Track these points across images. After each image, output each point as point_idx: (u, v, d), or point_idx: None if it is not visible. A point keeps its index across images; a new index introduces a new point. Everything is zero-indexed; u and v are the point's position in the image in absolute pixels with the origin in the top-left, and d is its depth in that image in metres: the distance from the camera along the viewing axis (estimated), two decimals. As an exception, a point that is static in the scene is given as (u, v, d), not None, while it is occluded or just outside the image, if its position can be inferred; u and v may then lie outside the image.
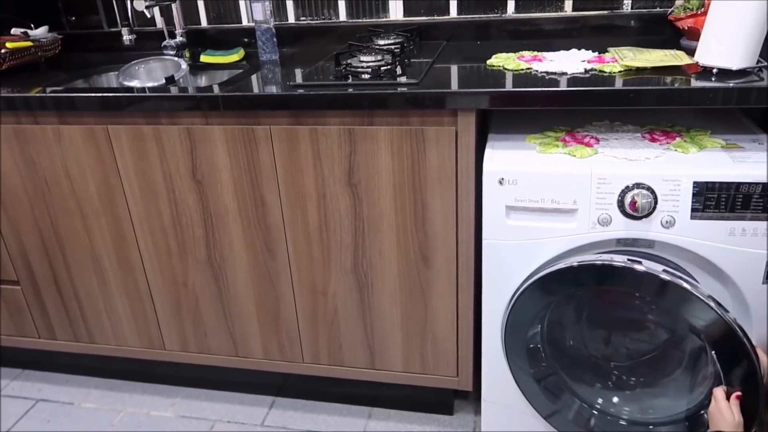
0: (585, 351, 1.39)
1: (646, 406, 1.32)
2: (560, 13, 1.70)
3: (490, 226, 1.24)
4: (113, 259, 1.65)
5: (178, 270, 1.62)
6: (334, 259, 1.49)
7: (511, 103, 1.23)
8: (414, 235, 1.41)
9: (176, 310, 1.69)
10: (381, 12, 1.80)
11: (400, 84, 1.32)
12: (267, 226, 1.50)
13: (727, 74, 1.20)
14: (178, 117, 1.43)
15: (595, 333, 1.39)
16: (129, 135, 1.47)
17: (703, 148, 1.22)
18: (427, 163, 1.33)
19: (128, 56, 1.87)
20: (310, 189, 1.42)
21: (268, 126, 1.38)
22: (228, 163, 1.44)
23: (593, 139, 1.28)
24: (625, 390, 1.35)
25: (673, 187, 1.12)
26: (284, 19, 1.87)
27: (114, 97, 1.42)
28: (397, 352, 1.58)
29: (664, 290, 1.10)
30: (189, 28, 1.93)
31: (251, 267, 1.56)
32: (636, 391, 1.35)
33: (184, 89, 1.47)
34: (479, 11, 1.75)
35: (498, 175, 1.20)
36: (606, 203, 1.16)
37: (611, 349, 1.38)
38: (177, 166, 1.48)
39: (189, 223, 1.54)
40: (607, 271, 1.15)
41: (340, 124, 1.35)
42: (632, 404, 1.33)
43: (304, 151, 1.38)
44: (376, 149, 1.34)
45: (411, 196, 1.37)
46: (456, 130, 1.29)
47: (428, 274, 1.45)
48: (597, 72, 1.31)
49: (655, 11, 1.65)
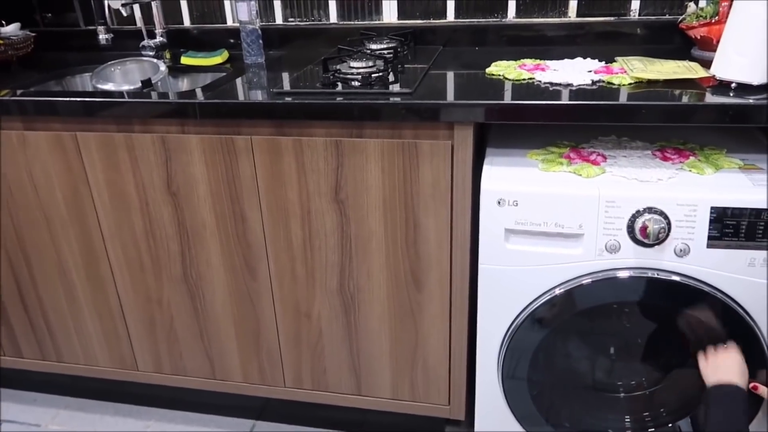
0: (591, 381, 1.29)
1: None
2: (563, 19, 1.61)
3: (488, 250, 1.14)
4: (82, 273, 1.54)
5: (151, 286, 1.51)
6: (319, 279, 1.39)
7: (513, 117, 1.13)
8: (405, 256, 1.31)
9: (150, 329, 1.58)
10: (374, 14, 1.70)
11: (392, 93, 1.21)
12: (247, 243, 1.39)
13: (747, 89, 1.11)
14: (152, 124, 1.32)
15: (602, 360, 1.29)
16: (99, 143, 1.36)
17: (720, 169, 1.12)
18: (420, 180, 1.23)
19: (106, 56, 1.76)
20: (294, 204, 1.32)
21: (249, 136, 1.28)
22: (205, 175, 1.34)
23: (600, 157, 1.19)
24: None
25: (689, 212, 1.02)
26: (271, 19, 1.77)
27: (83, 102, 1.31)
28: (385, 377, 1.48)
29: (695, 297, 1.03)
30: (170, 27, 1.82)
31: (230, 285, 1.46)
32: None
33: (159, 95, 1.36)
34: (478, 15, 1.65)
35: (497, 195, 1.10)
36: (614, 228, 1.06)
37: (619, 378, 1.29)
38: (150, 177, 1.37)
39: (163, 237, 1.43)
40: (626, 285, 1.06)
41: (326, 136, 1.24)
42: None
43: (288, 164, 1.28)
44: (366, 163, 1.24)
45: (402, 214, 1.27)
46: (452, 144, 1.19)
47: (419, 297, 1.35)
48: (605, 84, 1.21)
49: (664, 18, 1.55)
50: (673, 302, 1.07)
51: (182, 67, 1.69)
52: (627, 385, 1.28)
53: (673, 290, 1.07)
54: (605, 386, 1.29)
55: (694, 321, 1.08)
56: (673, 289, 1.06)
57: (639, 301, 1.09)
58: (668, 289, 1.06)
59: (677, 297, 1.07)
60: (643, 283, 1.07)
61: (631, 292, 1.08)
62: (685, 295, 1.06)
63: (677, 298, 1.07)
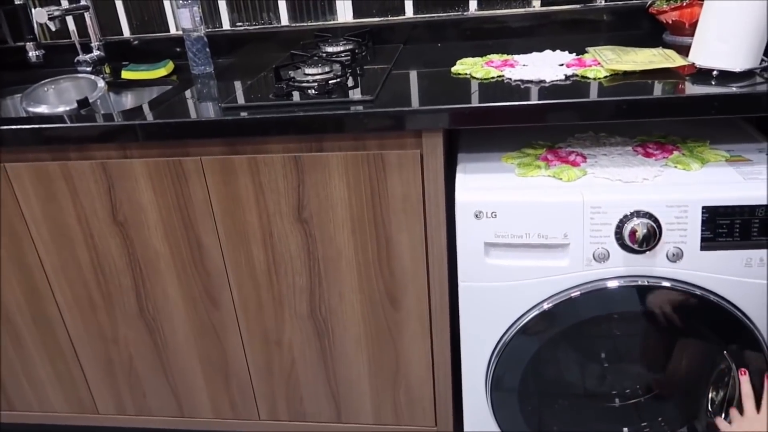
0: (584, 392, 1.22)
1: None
2: (528, 9, 1.53)
3: (467, 267, 1.06)
4: (27, 316, 1.41)
5: (105, 325, 1.39)
6: (287, 304, 1.29)
7: (485, 121, 1.04)
8: (378, 274, 1.22)
9: (107, 369, 1.45)
10: (328, 14, 1.59)
11: (352, 102, 1.11)
12: (206, 271, 1.28)
13: (729, 77, 1.04)
14: (90, 150, 1.20)
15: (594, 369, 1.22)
16: (32, 174, 1.23)
17: (706, 163, 1.05)
18: (390, 193, 1.13)
19: (39, 74, 1.62)
20: (254, 227, 1.21)
21: (199, 157, 1.16)
22: (154, 202, 1.22)
23: (579, 157, 1.11)
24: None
25: (680, 213, 0.95)
26: (218, 25, 1.65)
27: (8, 131, 1.18)
28: (366, 402, 1.39)
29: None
30: (109, 39, 1.68)
31: (191, 318, 1.34)
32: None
33: (95, 116, 1.23)
34: (438, 9, 1.55)
35: (473, 207, 1.01)
36: (602, 236, 0.98)
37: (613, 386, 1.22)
38: (93, 208, 1.24)
39: (113, 271, 1.31)
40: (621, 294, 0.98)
41: (284, 152, 1.14)
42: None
43: (244, 185, 1.17)
44: (329, 179, 1.14)
45: (372, 231, 1.18)
46: (421, 153, 1.09)
47: (397, 316, 1.26)
48: (579, 78, 1.13)
49: (631, 3, 1.48)
50: (670, 310, 1.00)
51: (124, 82, 1.56)
52: (621, 393, 1.21)
53: (667, 297, 1.00)
54: (599, 396, 1.22)
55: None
56: (668, 296, 0.99)
57: (632, 311, 1.02)
58: (662, 297, 0.99)
59: (673, 304, 1.00)
60: (636, 292, 1.00)
61: (623, 302, 1.01)
62: (681, 301, 0.99)
63: (673, 305, 1.00)
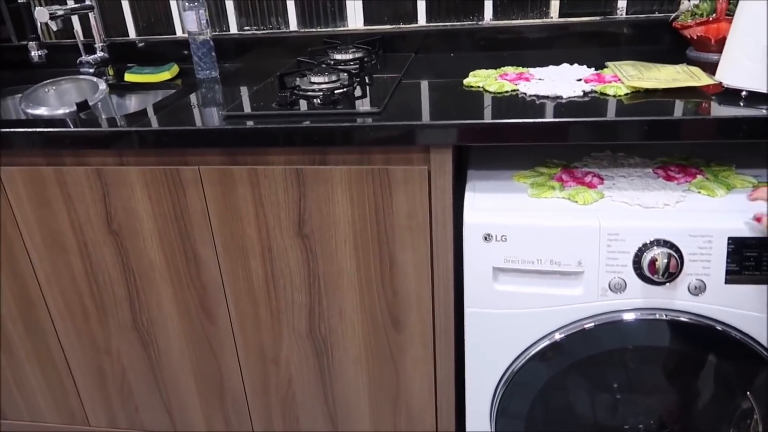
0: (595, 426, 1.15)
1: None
2: (545, 20, 1.47)
3: (474, 292, 1.00)
4: (18, 323, 1.36)
5: (98, 335, 1.34)
6: (286, 321, 1.23)
7: (497, 138, 0.99)
8: (381, 294, 1.16)
9: (100, 381, 1.41)
10: (338, 20, 1.55)
11: (358, 114, 1.06)
12: (202, 285, 1.23)
13: (759, 98, 0.98)
14: (85, 156, 1.15)
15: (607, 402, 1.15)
16: (26, 178, 1.19)
17: (732, 189, 0.99)
18: (395, 210, 1.08)
19: (42, 74, 1.58)
20: (253, 240, 1.16)
21: (197, 166, 1.12)
22: (150, 211, 1.17)
23: (596, 178, 1.05)
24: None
25: (703, 244, 0.89)
26: (225, 28, 1.60)
27: (2, 134, 1.14)
28: (365, 425, 1.33)
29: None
30: (114, 40, 1.64)
31: (186, 331, 1.29)
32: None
33: (91, 121, 1.19)
34: (452, 18, 1.50)
35: (482, 229, 0.95)
36: (619, 265, 0.92)
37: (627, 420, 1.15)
38: (87, 215, 1.20)
39: (107, 281, 1.26)
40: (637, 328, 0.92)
41: (285, 164, 1.09)
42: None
43: (243, 196, 1.12)
44: (331, 193, 1.09)
45: (376, 249, 1.12)
46: (429, 169, 1.04)
47: (399, 338, 1.20)
48: (598, 95, 1.07)
49: (654, 17, 1.42)
50: (689, 346, 0.94)
51: (127, 85, 1.52)
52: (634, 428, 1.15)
53: (688, 333, 0.93)
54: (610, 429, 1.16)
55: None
56: (689, 332, 0.93)
57: (649, 345, 0.95)
58: (683, 332, 0.93)
59: (694, 340, 0.93)
60: (654, 326, 0.93)
61: (640, 336, 0.95)
62: (702, 337, 0.93)
63: (694, 341, 0.93)
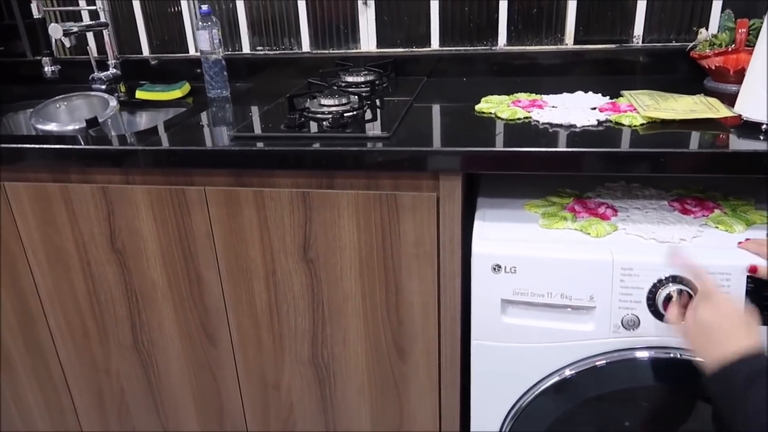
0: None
1: None
2: (560, 47, 1.45)
3: (481, 324, 0.97)
4: (19, 340, 1.35)
5: (98, 355, 1.32)
6: (288, 347, 1.21)
7: (509, 167, 0.96)
8: (386, 322, 1.13)
9: (98, 401, 1.38)
10: (351, 42, 1.54)
11: (367, 138, 1.05)
12: (204, 307, 1.21)
13: (780, 132, 0.95)
14: (92, 173, 1.14)
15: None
16: (31, 194, 1.18)
17: (751, 225, 0.96)
18: (402, 237, 1.06)
19: (55, 89, 1.59)
20: (257, 264, 1.14)
21: (203, 187, 1.10)
22: (154, 231, 1.16)
23: (609, 209, 1.02)
24: None
25: (721, 282, 0.85)
26: (238, 48, 1.60)
27: (9, 149, 1.13)
28: (367, 456, 1.29)
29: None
30: (128, 57, 1.65)
31: (187, 354, 1.27)
32: None
33: (98, 139, 1.18)
34: (465, 43, 1.49)
35: (491, 259, 0.93)
36: (632, 301, 0.89)
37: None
38: (91, 233, 1.18)
39: (109, 300, 1.25)
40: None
41: (292, 186, 1.07)
42: None
43: (248, 219, 1.10)
44: (338, 218, 1.07)
45: (382, 276, 1.10)
46: (437, 196, 1.02)
47: (404, 368, 1.17)
48: (613, 125, 1.05)
49: (671, 46, 1.40)
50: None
51: (138, 102, 1.52)
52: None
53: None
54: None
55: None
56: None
57: (664, 386, 0.92)
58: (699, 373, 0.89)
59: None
60: (668, 365, 0.90)
61: (653, 375, 0.91)
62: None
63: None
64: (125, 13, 1.62)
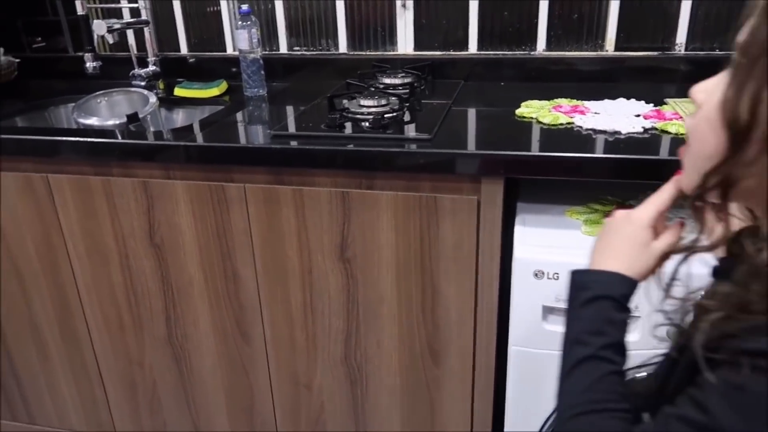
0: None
1: None
2: (600, 53, 1.44)
3: (520, 330, 0.96)
4: (56, 331, 1.37)
5: (132, 347, 1.33)
6: (321, 347, 1.21)
7: (553, 172, 0.96)
8: (421, 325, 1.13)
9: (130, 393, 1.40)
10: (388, 44, 1.54)
11: (408, 139, 1.04)
12: (240, 304, 1.22)
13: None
14: (133, 167, 1.16)
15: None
16: (73, 186, 1.20)
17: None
18: (440, 240, 1.05)
19: (96, 85, 1.61)
20: (293, 262, 1.14)
21: (243, 184, 1.11)
22: (193, 226, 1.17)
23: (653, 218, 1.00)
24: None
25: None
26: (275, 48, 1.61)
27: (53, 142, 1.15)
28: (395, 459, 1.29)
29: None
30: (167, 55, 1.67)
31: (220, 350, 1.28)
32: None
33: (139, 134, 1.20)
34: (503, 47, 1.48)
35: (533, 265, 0.92)
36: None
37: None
38: (131, 227, 1.20)
39: (145, 293, 1.26)
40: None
41: (331, 186, 1.07)
42: None
43: (287, 217, 1.11)
44: (376, 219, 1.07)
45: (419, 279, 1.09)
46: (478, 200, 1.01)
47: (437, 372, 1.16)
48: (659, 132, 1.04)
49: (714, 54, 1.38)
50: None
51: (176, 99, 1.54)
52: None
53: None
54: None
55: None
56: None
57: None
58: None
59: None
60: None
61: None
62: None
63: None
64: (165, 12, 1.64)
